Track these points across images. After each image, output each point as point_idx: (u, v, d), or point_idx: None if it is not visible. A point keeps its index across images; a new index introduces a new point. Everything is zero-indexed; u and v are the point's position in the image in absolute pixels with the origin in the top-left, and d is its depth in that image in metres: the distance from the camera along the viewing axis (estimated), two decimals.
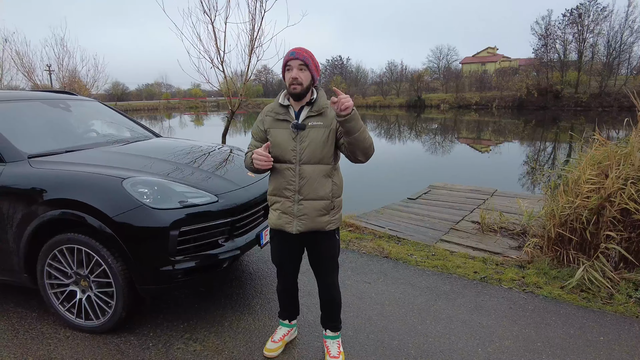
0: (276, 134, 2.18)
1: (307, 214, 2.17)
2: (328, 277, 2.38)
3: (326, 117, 2.14)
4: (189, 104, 75.04)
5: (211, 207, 2.67)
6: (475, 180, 8.87)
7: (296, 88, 2.08)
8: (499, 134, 23.90)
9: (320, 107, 2.14)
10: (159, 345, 2.61)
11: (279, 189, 2.21)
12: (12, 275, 2.84)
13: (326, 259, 2.34)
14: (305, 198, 2.16)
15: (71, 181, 2.60)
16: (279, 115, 2.19)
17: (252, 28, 6.23)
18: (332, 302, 2.43)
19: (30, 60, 14.34)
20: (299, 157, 2.13)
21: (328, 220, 2.21)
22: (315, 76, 2.14)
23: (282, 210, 2.21)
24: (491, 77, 51.72)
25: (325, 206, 2.18)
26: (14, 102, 3.42)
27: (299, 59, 2.06)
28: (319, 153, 2.12)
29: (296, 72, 2.07)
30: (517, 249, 4.27)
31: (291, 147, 2.14)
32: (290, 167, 2.15)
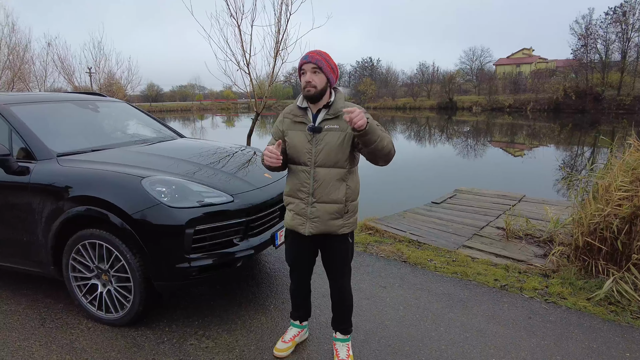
0: (293, 135, 2.20)
1: (319, 217, 2.17)
2: (339, 279, 2.38)
3: (343, 120, 2.11)
4: (220, 106, 76.60)
5: (227, 207, 2.72)
6: (504, 185, 8.62)
7: (310, 91, 2.09)
8: (533, 137, 23.11)
9: (336, 110, 2.13)
10: (173, 340, 2.68)
11: (293, 190, 2.23)
12: (41, 267, 2.99)
13: (338, 262, 2.33)
14: (318, 201, 2.16)
15: (95, 179, 2.71)
16: (297, 117, 2.21)
17: (277, 31, 6.30)
18: (342, 304, 2.42)
19: (70, 63, 15.04)
20: (314, 160, 2.13)
21: (341, 224, 2.20)
22: (330, 78, 2.12)
23: (296, 212, 2.23)
24: (526, 79, 50.12)
25: (338, 210, 2.17)
26: (47, 103, 3.60)
27: (311, 63, 2.07)
28: (334, 156, 2.11)
29: (309, 76, 2.07)
30: (543, 257, 4.12)
31: (306, 150, 2.15)
32: (305, 170, 2.17)
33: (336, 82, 2.20)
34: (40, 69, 16.44)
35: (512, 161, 15.64)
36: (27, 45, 15.88)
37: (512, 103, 45.81)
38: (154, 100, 79.02)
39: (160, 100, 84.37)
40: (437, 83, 60.72)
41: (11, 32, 15.25)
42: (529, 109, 43.43)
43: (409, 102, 59.65)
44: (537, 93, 44.39)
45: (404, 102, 60.60)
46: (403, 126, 32.99)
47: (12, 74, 15.30)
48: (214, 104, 78.33)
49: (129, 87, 17.74)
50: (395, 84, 72.90)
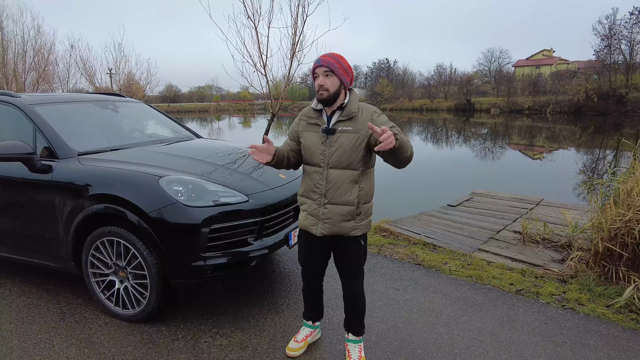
0: (307, 137, 2.23)
1: (331, 218, 2.18)
2: (351, 281, 2.38)
3: (356, 121, 2.12)
4: (237, 107, 77.31)
5: (241, 207, 2.75)
6: (522, 188, 8.48)
7: (322, 94, 2.11)
8: (552, 140, 22.66)
9: (350, 112, 2.13)
10: (188, 337, 2.72)
11: (307, 190, 2.25)
12: (61, 262, 3.07)
13: (350, 264, 2.34)
14: (330, 202, 2.17)
15: (114, 178, 2.78)
16: (311, 119, 2.23)
17: (294, 32, 6.34)
18: (355, 306, 2.42)
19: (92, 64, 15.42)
20: (327, 161, 2.15)
21: (353, 226, 2.20)
22: (344, 80, 2.13)
23: (309, 212, 2.25)
24: (546, 80, 49.14)
25: (349, 212, 2.17)
26: (69, 103, 3.70)
27: (323, 66, 2.09)
28: (347, 158, 2.12)
29: (322, 79, 2.10)
30: (560, 262, 4.04)
31: (320, 151, 2.17)
32: (318, 171, 2.18)
33: (351, 83, 2.20)
34: (64, 70, 16.89)
35: (530, 164, 15.37)
36: (52, 47, 16.33)
37: (531, 105, 44.96)
38: (172, 101, 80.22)
39: (178, 101, 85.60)
40: (454, 84, 60.07)
41: (37, 34, 15.70)
42: (548, 111, 42.56)
43: (426, 104, 59.17)
44: (557, 95, 43.47)
45: (420, 103, 60.15)
46: (420, 128, 32.74)
47: (37, 75, 15.75)
48: (231, 105, 79.10)
49: (147, 87, 18.06)
50: (412, 85, 72.41)
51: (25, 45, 15.41)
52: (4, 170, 3.12)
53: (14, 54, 15.27)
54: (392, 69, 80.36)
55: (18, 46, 15.34)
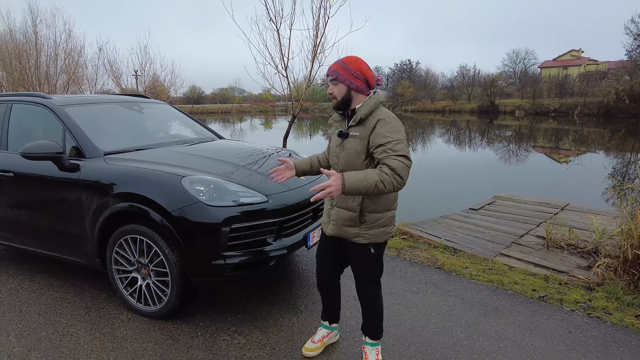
0: (332, 139, 2.31)
1: (336, 220, 2.24)
2: (361, 287, 2.36)
3: (364, 127, 2.08)
4: (259, 108, 78.10)
5: (261, 207, 2.78)
6: (547, 192, 8.27)
7: (333, 102, 2.18)
8: (580, 143, 21.99)
9: (358, 116, 2.10)
10: (207, 335, 2.76)
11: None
12: (87, 258, 3.17)
13: (358, 270, 2.32)
14: (337, 205, 2.23)
15: (138, 177, 2.85)
16: (336, 122, 2.30)
17: (315, 34, 6.36)
18: (369, 311, 2.39)
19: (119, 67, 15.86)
20: (339, 165, 2.19)
21: (357, 233, 2.17)
22: (351, 84, 2.09)
23: (325, 211, 2.35)
24: (574, 82, 47.71)
25: (351, 217, 2.15)
26: (96, 104, 3.82)
27: (329, 75, 2.16)
28: (352, 163, 2.11)
29: (330, 87, 2.16)
30: (586, 269, 3.92)
31: (335, 154, 2.23)
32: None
33: (372, 86, 2.15)
34: (92, 72, 17.39)
35: (556, 167, 14.97)
36: (81, 50, 16.85)
37: (558, 107, 43.71)
38: (196, 102, 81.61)
39: (201, 102, 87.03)
40: (478, 86, 59.05)
41: (68, 38, 16.23)
42: (576, 113, 41.29)
43: (449, 105, 58.36)
44: (586, 96, 42.12)
45: (443, 105, 59.37)
46: (442, 129, 32.33)
47: (67, 77, 16.28)
48: (253, 107, 79.94)
49: (172, 89, 18.44)
50: (434, 87, 71.56)
51: (57, 49, 15.95)
52: (35, 169, 3.25)
53: (46, 57, 15.83)
54: (414, 70, 79.60)
55: (50, 49, 15.90)
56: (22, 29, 15.76)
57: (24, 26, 15.72)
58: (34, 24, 15.61)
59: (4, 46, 16.08)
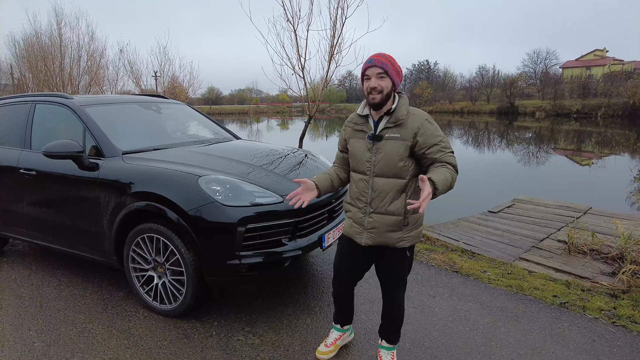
0: (353, 144, 2.16)
1: (376, 228, 2.10)
2: (393, 292, 2.30)
3: (405, 128, 2.00)
4: (276, 109, 78.49)
5: (276, 207, 2.77)
6: (568, 195, 8.06)
7: (375, 98, 1.99)
8: (603, 145, 21.38)
9: (398, 118, 2.02)
10: (221, 334, 2.76)
11: (352, 198, 2.20)
12: (105, 256, 3.21)
13: (393, 275, 2.25)
14: (375, 211, 2.09)
15: (155, 176, 2.87)
16: (357, 125, 2.15)
17: (332, 35, 6.34)
18: (393, 317, 2.35)
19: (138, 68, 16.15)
20: (373, 169, 2.07)
21: (400, 237, 2.10)
22: (396, 82, 2.02)
23: (354, 220, 2.19)
24: (597, 82, 46.44)
25: (396, 222, 2.07)
26: (116, 104, 3.88)
27: (376, 66, 1.97)
28: (393, 166, 2.02)
29: (375, 81, 1.98)
30: (611, 275, 3.79)
31: (366, 159, 2.09)
32: (364, 179, 2.11)
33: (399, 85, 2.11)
34: (113, 73, 17.78)
35: (578, 170, 14.60)
36: (103, 51, 17.24)
37: (580, 108, 42.55)
38: (214, 103, 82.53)
39: (219, 103, 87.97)
40: (497, 87, 58.10)
41: (90, 40, 16.63)
42: (599, 114, 40.18)
43: (467, 106, 57.55)
44: (610, 97, 40.94)
45: (461, 106, 58.59)
46: (460, 131, 31.91)
47: (89, 78, 16.66)
48: (270, 108, 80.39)
49: (190, 90, 18.69)
50: (452, 88, 70.75)
51: (80, 51, 16.37)
52: (56, 167, 3.31)
53: (70, 59, 16.24)
54: (432, 70, 78.90)
55: (74, 52, 16.31)
56: (48, 32, 16.22)
57: (50, 29, 16.17)
58: (58, 27, 16.05)
59: (31, 49, 16.57)
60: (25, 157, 3.57)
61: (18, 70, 19.64)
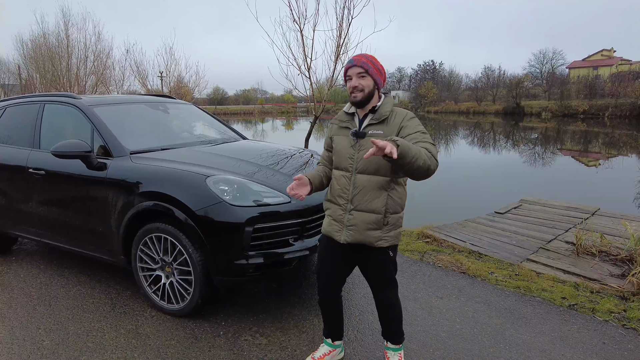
0: (337, 140, 2.17)
1: (356, 225, 2.08)
2: (382, 293, 2.26)
3: (388, 125, 2.02)
4: (280, 109, 78.57)
5: (284, 208, 2.77)
6: (575, 196, 8.00)
7: (357, 96, 2.03)
8: (611, 146, 21.21)
9: (381, 115, 2.05)
10: (229, 334, 2.77)
11: (333, 195, 2.18)
12: (113, 255, 3.23)
13: (378, 276, 2.22)
14: (356, 208, 2.08)
15: (163, 176, 2.88)
16: (343, 122, 2.17)
17: (338, 35, 6.34)
18: (388, 317, 2.32)
19: (145, 68, 16.24)
20: (355, 166, 2.07)
21: (379, 236, 2.08)
22: (378, 80, 2.05)
23: (334, 218, 2.17)
24: (604, 82, 46.08)
25: (376, 220, 2.06)
26: (123, 104, 3.89)
27: (357, 66, 2.01)
28: (375, 163, 2.01)
29: (355, 80, 2.02)
30: (620, 277, 3.75)
31: (349, 155, 2.09)
32: (346, 175, 2.11)
33: (384, 84, 2.13)
34: (119, 73, 17.87)
35: (585, 171, 14.49)
36: (109, 52, 17.34)
37: (587, 109, 42.22)
38: (219, 104, 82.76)
39: (224, 103, 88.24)
40: (503, 87, 57.80)
41: (97, 41, 16.74)
42: (606, 115, 39.86)
43: (473, 107, 57.31)
44: (618, 98, 40.60)
45: (467, 106, 58.35)
46: (466, 131, 31.79)
47: (96, 78, 16.77)
48: (275, 108, 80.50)
49: (196, 90, 18.75)
50: (458, 88, 70.51)
51: (86, 51, 16.49)
52: (64, 167, 3.33)
53: (76, 60, 16.36)
54: (438, 70, 78.68)
55: (80, 52, 16.43)
56: (55, 33, 16.34)
57: (57, 30, 16.30)
58: (65, 28, 16.17)
59: (38, 49, 16.70)
60: (34, 157, 3.60)
61: (25, 71, 19.82)
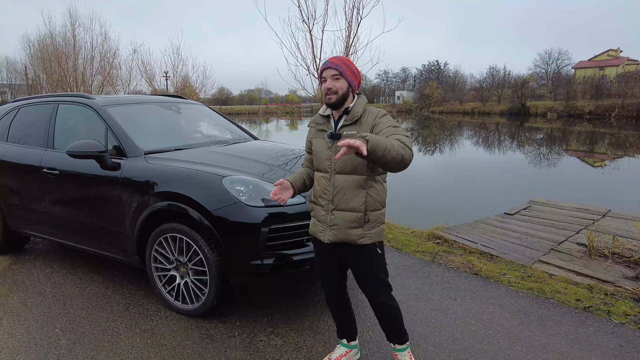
0: (315, 143, 2.19)
1: (337, 225, 2.10)
2: (376, 297, 2.22)
3: (361, 125, 2.04)
4: (285, 109, 78.67)
5: (299, 208, 2.78)
6: (584, 197, 7.96)
7: (331, 98, 2.05)
8: (617, 147, 21.08)
9: (354, 115, 2.07)
10: (244, 335, 2.77)
11: (315, 197, 2.20)
12: (127, 255, 3.24)
13: (367, 276, 2.19)
14: (337, 208, 2.10)
15: (178, 176, 2.89)
16: (319, 125, 2.20)
17: (347, 35, 6.33)
18: (385, 320, 2.28)
19: (152, 68, 16.30)
20: (333, 167, 2.09)
21: (361, 234, 2.09)
22: (352, 82, 2.07)
23: (317, 218, 2.19)
24: (611, 83, 45.78)
25: (356, 218, 2.07)
26: (136, 104, 3.91)
27: (331, 68, 2.04)
28: (351, 163, 2.04)
29: (330, 82, 2.05)
30: (634, 279, 3.73)
31: (326, 157, 2.12)
32: (325, 176, 2.13)
33: (359, 87, 2.15)
34: (126, 73, 17.95)
35: (593, 172, 14.41)
36: (116, 52, 17.43)
37: (593, 109, 41.97)
38: (224, 104, 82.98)
39: (229, 103, 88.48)
40: (508, 88, 57.60)
41: (104, 41, 16.82)
42: (613, 115, 39.62)
43: (478, 107, 57.16)
44: (624, 98, 40.32)
45: (472, 106, 58.21)
46: (471, 132, 31.70)
47: (102, 78, 16.85)
48: (279, 108, 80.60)
49: (202, 90, 18.81)
50: (463, 88, 70.32)
51: (93, 51, 16.58)
52: (78, 167, 3.35)
53: (83, 59, 16.45)
54: (442, 71, 78.49)
55: (87, 52, 16.52)
56: (62, 33, 16.44)
57: (64, 30, 16.39)
58: (72, 28, 16.26)
59: (45, 49, 16.80)
60: (48, 157, 3.62)
61: (32, 71, 19.96)
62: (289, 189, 2.20)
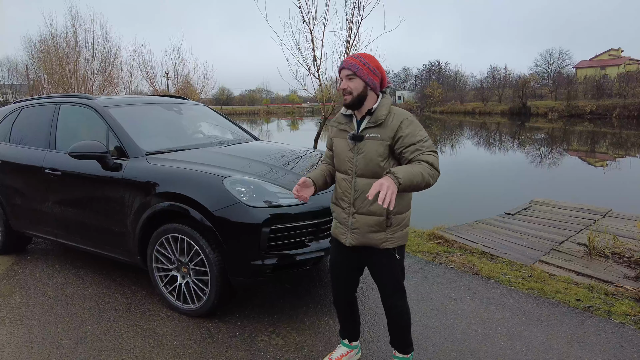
0: (337, 143, 2.16)
1: (359, 228, 2.07)
2: (390, 298, 2.22)
3: (385, 128, 1.99)
4: (286, 110, 78.71)
5: (300, 209, 2.79)
6: (585, 197, 7.95)
7: (346, 99, 2.01)
8: (618, 147, 21.06)
9: (378, 118, 2.00)
10: (245, 335, 2.78)
11: (337, 198, 2.19)
12: (128, 255, 3.25)
13: (385, 279, 2.19)
14: (358, 211, 2.07)
15: (180, 177, 2.90)
16: (341, 125, 2.15)
17: (348, 36, 6.35)
18: (396, 324, 2.28)
19: (153, 68, 16.33)
20: (355, 169, 2.06)
21: (383, 238, 2.06)
22: (369, 81, 1.99)
23: (339, 220, 2.17)
24: (612, 82, 45.70)
25: (378, 222, 2.04)
26: (138, 105, 3.92)
27: (345, 68, 2.00)
28: (374, 166, 2.01)
29: (344, 82, 2.01)
30: (634, 279, 3.73)
31: (348, 158, 2.08)
32: (347, 179, 2.10)
33: (383, 85, 2.07)
34: (127, 73, 17.98)
35: (594, 172, 14.40)
36: (117, 52, 17.44)
37: (594, 109, 41.89)
38: (225, 104, 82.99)
39: (230, 103, 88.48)
40: (509, 87, 57.54)
41: (105, 41, 16.84)
42: (614, 115, 39.56)
43: (479, 107, 57.10)
44: (625, 98, 40.26)
45: (473, 106, 58.15)
46: (472, 131, 31.67)
47: (103, 79, 16.87)
48: (280, 108, 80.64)
49: (203, 91, 18.83)
50: (464, 88, 70.29)
51: (94, 52, 16.58)
52: (80, 167, 3.36)
53: (84, 60, 16.46)
54: (443, 70, 78.46)
55: (88, 52, 16.53)
56: (63, 34, 16.44)
57: (65, 31, 16.40)
58: (74, 29, 16.27)
59: (46, 50, 16.82)
60: (50, 158, 3.64)
61: (33, 72, 19.99)
62: (310, 186, 2.19)
